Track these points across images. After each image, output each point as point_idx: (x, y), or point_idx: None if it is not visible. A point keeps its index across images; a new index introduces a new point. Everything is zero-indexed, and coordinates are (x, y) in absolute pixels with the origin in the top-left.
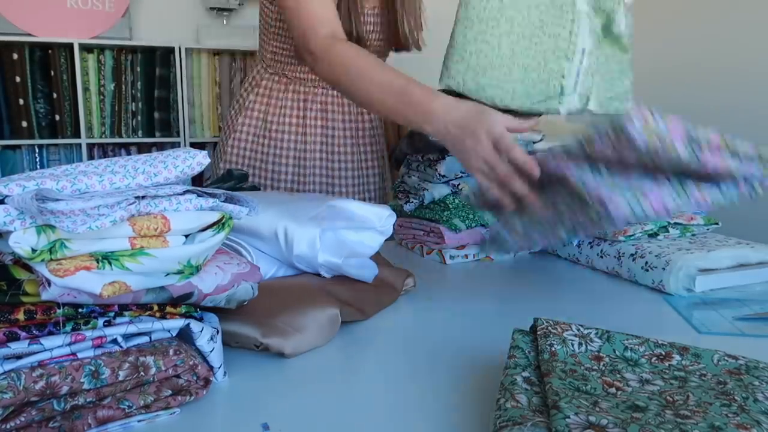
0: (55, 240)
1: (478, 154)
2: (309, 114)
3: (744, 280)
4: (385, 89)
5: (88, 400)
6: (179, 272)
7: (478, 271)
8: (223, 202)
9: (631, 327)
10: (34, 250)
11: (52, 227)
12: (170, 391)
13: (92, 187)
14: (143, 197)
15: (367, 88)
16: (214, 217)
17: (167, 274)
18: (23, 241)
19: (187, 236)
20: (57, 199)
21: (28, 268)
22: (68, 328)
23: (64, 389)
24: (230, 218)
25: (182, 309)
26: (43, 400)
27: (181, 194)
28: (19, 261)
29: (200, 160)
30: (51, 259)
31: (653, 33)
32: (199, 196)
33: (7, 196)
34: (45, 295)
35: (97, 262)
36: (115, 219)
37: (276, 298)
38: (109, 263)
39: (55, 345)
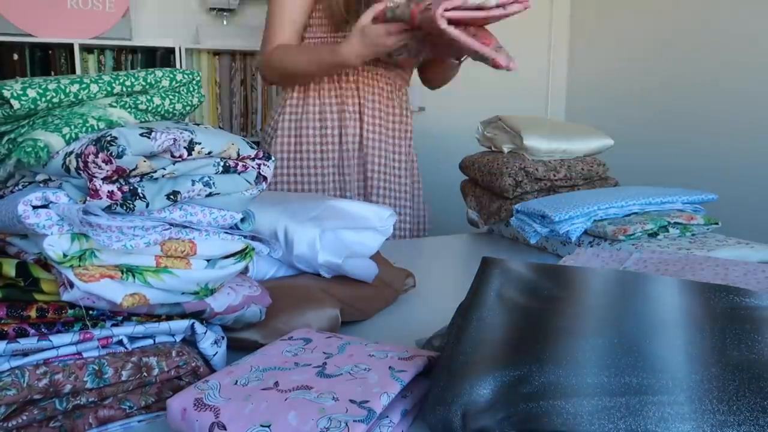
0: (86, 249)
1: (380, 41)
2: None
3: None
4: (307, 53)
5: (90, 399)
6: (195, 293)
7: None
8: (248, 239)
9: None
10: (65, 255)
11: (86, 236)
12: (171, 393)
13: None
14: (176, 225)
15: (294, 59)
16: (239, 246)
17: (183, 293)
18: (57, 245)
19: (208, 260)
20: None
21: (47, 268)
22: (77, 327)
23: (68, 387)
24: (252, 249)
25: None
26: (45, 399)
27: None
28: (39, 261)
29: (228, 220)
30: (78, 265)
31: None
32: (226, 233)
33: (52, 202)
34: (66, 296)
35: (122, 273)
36: (149, 242)
37: (276, 299)
38: (133, 276)
39: (63, 342)
